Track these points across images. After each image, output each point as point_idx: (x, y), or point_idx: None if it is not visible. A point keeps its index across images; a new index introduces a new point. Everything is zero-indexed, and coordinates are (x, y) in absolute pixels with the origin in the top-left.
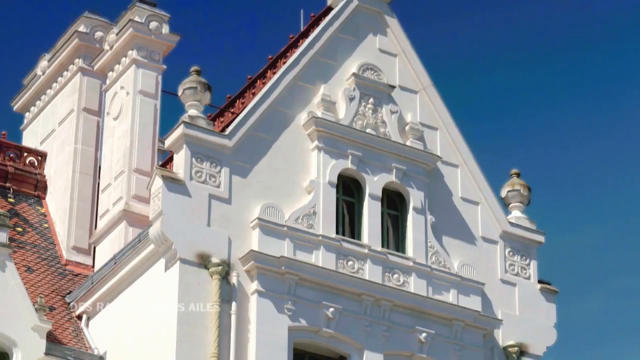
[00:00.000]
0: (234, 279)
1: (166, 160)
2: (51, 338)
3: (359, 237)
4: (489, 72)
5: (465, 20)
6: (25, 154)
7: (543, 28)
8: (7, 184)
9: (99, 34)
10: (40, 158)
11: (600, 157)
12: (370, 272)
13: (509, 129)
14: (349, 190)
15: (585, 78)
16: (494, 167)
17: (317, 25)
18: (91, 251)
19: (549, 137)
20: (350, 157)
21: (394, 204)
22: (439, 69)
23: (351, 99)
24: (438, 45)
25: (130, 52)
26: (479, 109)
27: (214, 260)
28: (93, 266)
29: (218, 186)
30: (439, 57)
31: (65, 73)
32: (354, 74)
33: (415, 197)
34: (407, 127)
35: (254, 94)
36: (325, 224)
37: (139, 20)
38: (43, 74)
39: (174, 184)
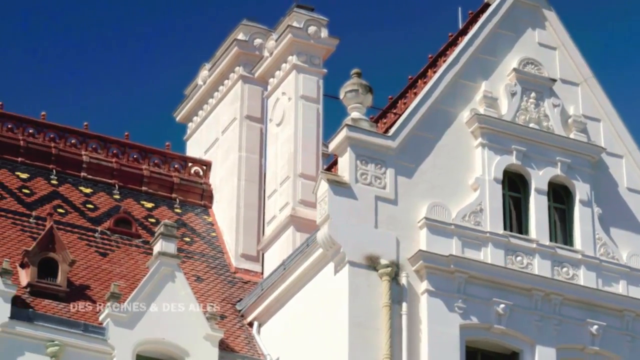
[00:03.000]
0: (403, 280)
1: (331, 164)
2: (223, 346)
3: (526, 232)
4: None
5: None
6: (190, 164)
7: None
8: (173, 195)
9: (258, 41)
10: (205, 167)
11: None
12: (539, 266)
13: None
14: (514, 186)
15: None
16: None
17: (476, 22)
18: (260, 258)
19: None
20: (514, 152)
21: (560, 197)
22: (598, 59)
23: (513, 95)
24: (596, 34)
25: (290, 57)
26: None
27: (383, 261)
28: (262, 273)
29: (384, 187)
30: (597, 46)
31: (226, 82)
32: (514, 69)
33: (581, 190)
34: (569, 120)
35: (415, 94)
36: (492, 221)
37: (298, 26)
38: (204, 83)
39: (339, 187)
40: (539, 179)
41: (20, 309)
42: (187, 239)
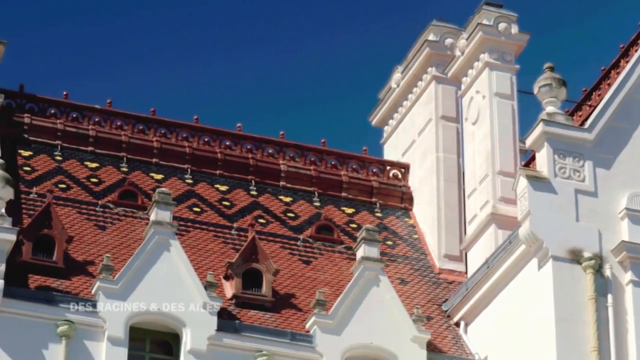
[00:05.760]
0: (607, 272)
1: (528, 159)
2: (431, 347)
3: None
4: None
5: None
6: (388, 167)
7: None
8: (373, 199)
9: (449, 40)
10: (403, 170)
11: None
12: None
13: None
14: None
15: None
16: None
17: None
18: (463, 258)
19: None
20: None
21: None
22: None
23: None
24: None
25: (482, 55)
26: None
27: (586, 254)
28: (466, 272)
29: (583, 180)
30: None
31: (419, 83)
32: None
33: None
34: None
35: (609, 85)
36: None
37: (488, 23)
38: (397, 86)
39: (539, 183)
40: None
41: (227, 321)
42: (390, 243)
